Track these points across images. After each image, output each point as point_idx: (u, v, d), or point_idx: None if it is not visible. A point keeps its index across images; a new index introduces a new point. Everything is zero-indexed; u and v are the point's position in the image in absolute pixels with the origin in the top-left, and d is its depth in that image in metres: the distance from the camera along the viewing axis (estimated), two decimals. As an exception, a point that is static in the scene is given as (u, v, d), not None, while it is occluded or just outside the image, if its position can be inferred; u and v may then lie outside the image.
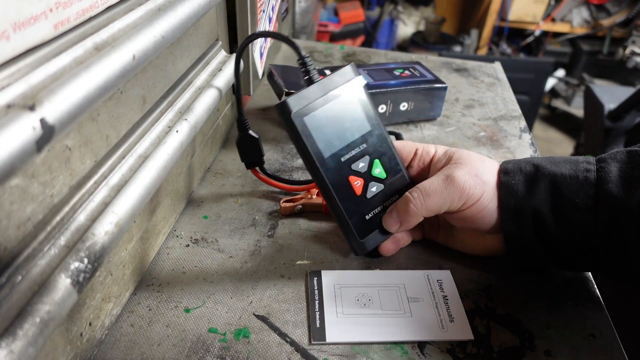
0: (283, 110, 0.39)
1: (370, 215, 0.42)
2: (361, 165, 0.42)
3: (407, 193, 0.42)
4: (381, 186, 0.43)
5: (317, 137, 0.40)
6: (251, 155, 0.51)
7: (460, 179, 0.40)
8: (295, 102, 0.39)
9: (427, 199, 0.40)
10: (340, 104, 0.41)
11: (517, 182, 0.40)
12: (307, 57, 0.41)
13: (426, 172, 0.45)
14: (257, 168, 0.52)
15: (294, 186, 0.52)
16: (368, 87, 0.60)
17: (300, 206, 0.50)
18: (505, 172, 0.41)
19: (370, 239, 0.42)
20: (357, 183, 0.42)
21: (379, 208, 0.43)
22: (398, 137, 0.61)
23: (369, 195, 0.42)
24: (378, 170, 0.43)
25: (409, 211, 0.41)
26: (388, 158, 0.43)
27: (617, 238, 0.37)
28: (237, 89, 0.49)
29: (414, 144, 0.46)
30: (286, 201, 0.50)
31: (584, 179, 0.38)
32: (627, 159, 0.39)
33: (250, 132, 0.50)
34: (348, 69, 0.41)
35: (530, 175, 0.40)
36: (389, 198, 0.43)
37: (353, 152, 0.42)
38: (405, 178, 0.44)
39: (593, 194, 0.38)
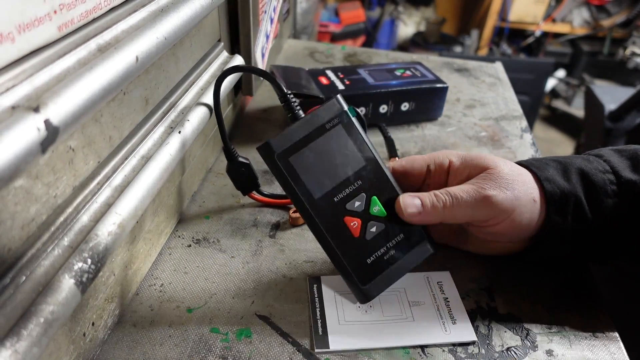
0: (266, 151, 0.37)
1: (372, 258, 0.38)
2: (357, 204, 0.38)
3: (438, 192, 0.39)
4: (382, 225, 0.39)
5: (305, 177, 0.37)
6: (245, 182, 0.50)
7: (496, 199, 0.37)
8: (278, 142, 0.37)
9: (456, 207, 0.38)
10: (328, 139, 0.38)
11: (552, 174, 0.40)
12: (290, 94, 0.40)
13: (444, 186, 0.42)
14: (254, 192, 0.51)
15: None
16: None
17: None
18: (538, 168, 0.40)
19: (374, 285, 0.38)
20: (353, 224, 0.38)
21: (382, 250, 0.39)
22: (385, 134, 0.60)
23: (368, 236, 0.38)
24: (377, 209, 0.39)
25: (435, 209, 0.38)
26: (388, 194, 0.39)
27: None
28: (219, 120, 0.46)
29: (422, 159, 0.42)
30: (295, 211, 0.49)
31: (602, 168, 0.40)
32: (614, 152, 0.42)
33: (240, 159, 0.49)
34: (334, 102, 0.39)
35: (559, 167, 0.41)
36: (393, 238, 0.39)
37: (347, 191, 0.38)
38: None
39: (615, 180, 0.39)
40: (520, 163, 0.42)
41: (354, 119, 0.39)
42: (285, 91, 0.40)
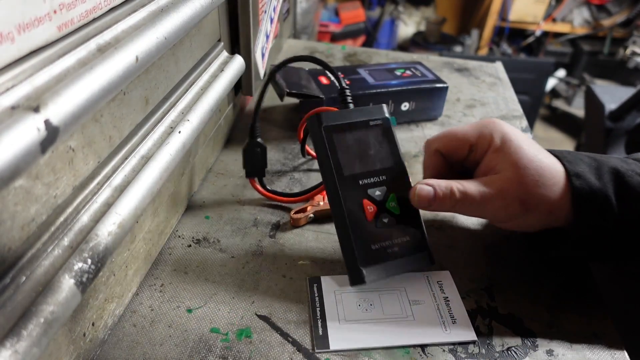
0: (315, 121, 0.42)
1: (376, 246, 0.40)
2: (377, 193, 0.42)
3: (452, 184, 0.40)
4: (393, 220, 0.42)
5: (340, 154, 0.42)
6: (254, 165, 0.51)
7: (500, 213, 0.40)
8: (328, 117, 0.42)
9: (466, 206, 0.40)
10: (368, 133, 0.43)
11: (583, 170, 0.39)
12: (347, 88, 0.46)
13: (479, 160, 0.43)
14: (256, 179, 0.52)
15: (291, 198, 0.52)
16: (372, 87, 0.61)
17: (312, 215, 0.49)
18: (570, 162, 0.40)
19: (371, 271, 0.40)
20: (370, 208, 0.41)
21: (387, 242, 0.41)
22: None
23: (379, 225, 0.41)
24: (393, 205, 0.42)
25: (444, 202, 0.40)
26: (405, 198, 0.42)
27: None
28: (260, 97, 0.50)
29: (464, 136, 0.43)
30: (297, 212, 0.49)
31: None
32: None
33: (259, 140, 0.50)
34: (381, 107, 0.45)
35: (593, 164, 0.40)
36: (400, 237, 0.41)
37: (372, 180, 0.42)
38: (420, 224, 0.43)
39: None
40: (554, 153, 0.41)
41: (393, 128, 0.44)
42: (343, 85, 0.46)
